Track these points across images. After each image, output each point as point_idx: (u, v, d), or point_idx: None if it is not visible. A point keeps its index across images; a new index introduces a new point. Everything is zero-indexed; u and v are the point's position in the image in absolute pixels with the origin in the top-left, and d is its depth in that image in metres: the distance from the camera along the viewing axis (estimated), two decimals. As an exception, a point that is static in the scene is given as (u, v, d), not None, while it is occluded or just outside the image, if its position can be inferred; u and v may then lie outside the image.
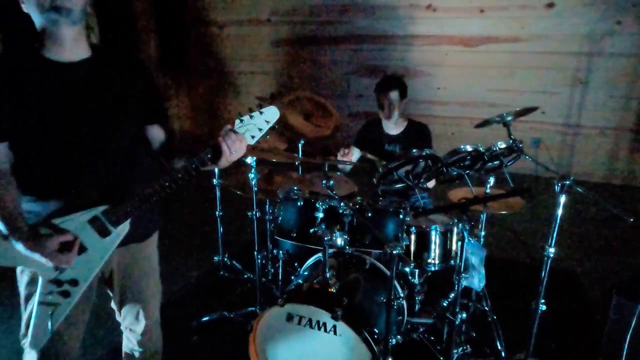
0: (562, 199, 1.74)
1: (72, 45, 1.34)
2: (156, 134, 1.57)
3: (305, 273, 2.14)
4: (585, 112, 5.02)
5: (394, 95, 2.66)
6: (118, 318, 1.73)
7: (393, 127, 2.77)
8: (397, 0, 5.38)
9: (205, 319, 2.52)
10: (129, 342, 1.75)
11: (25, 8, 1.31)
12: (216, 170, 2.75)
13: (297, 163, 3.03)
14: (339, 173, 2.80)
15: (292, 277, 2.41)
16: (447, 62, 5.37)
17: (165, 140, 1.58)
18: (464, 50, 5.29)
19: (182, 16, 6.38)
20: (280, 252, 2.35)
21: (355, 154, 2.79)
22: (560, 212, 1.74)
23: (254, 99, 6.44)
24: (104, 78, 1.41)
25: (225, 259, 3.00)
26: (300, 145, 2.81)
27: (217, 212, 2.88)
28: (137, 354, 1.75)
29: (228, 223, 3.02)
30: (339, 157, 2.49)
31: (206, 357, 2.30)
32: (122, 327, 1.75)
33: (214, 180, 2.81)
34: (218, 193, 2.85)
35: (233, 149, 1.36)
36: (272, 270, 2.79)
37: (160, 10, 6.11)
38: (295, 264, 2.47)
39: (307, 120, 2.80)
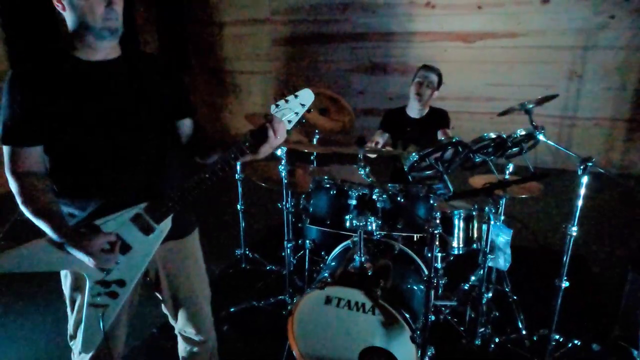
0: (584, 179, 1.84)
1: (105, 49, 1.37)
2: (186, 128, 1.59)
3: (333, 263, 2.22)
4: (581, 104, 5.18)
5: (434, 77, 2.81)
6: (172, 322, 1.72)
7: (416, 111, 2.88)
8: (396, -2, 5.50)
9: (234, 309, 2.58)
10: (186, 346, 1.75)
11: (66, 14, 1.31)
12: (238, 164, 2.81)
13: (313, 156, 3.12)
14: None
15: (321, 266, 2.49)
16: (446, 57, 5.49)
17: (196, 135, 1.61)
18: (463, 46, 5.42)
19: (183, 16, 6.41)
20: (307, 241, 2.43)
21: (383, 137, 2.92)
22: (582, 192, 1.84)
23: (255, 98, 6.50)
24: (135, 76, 1.43)
25: (247, 252, 3.06)
26: (315, 139, 2.89)
27: (239, 206, 2.94)
28: (194, 357, 1.76)
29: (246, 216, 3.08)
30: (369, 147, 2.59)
31: (239, 345, 2.36)
32: (175, 331, 1.75)
33: (236, 175, 2.87)
34: (240, 188, 2.91)
35: (279, 134, 1.32)
36: (295, 262, 2.85)
37: (161, 10, 6.13)
38: (322, 253, 2.54)
39: (323, 115, 2.88)
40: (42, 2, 4.12)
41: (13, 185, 1.33)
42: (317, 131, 2.87)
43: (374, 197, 1.98)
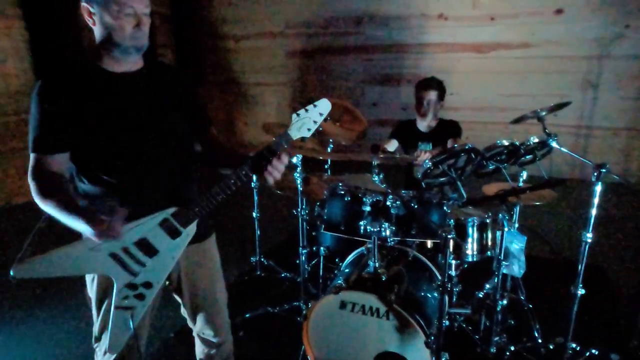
0: (599, 186, 1.84)
1: (129, 62, 1.44)
2: (203, 139, 1.66)
3: (347, 269, 2.24)
4: (597, 114, 5.14)
5: (433, 95, 2.81)
6: (190, 324, 1.77)
7: (426, 125, 2.91)
8: (409, 10, 5.56)
9: (249, 315, 2.61)
10: (203, 348, 1.80)
11: (95, 28, 1.37)
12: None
13: (327, 165, 3.17)
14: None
15: (335, 272, 2.51)
16: (459, 68, 5.52)
17: (212, 146, 1.68)
18: (476, 56, 5.45)
19: (199, 30, 6.58)
20: (322, 248, 2.46)
21: (393, 145, 2.94)
22: (596, 198, 1.85)
23: (269, 110, 6.60)
24: (157, 86, 1.51)
25: (262, 259, 3.10)
26: (329, 148, 2.94)
27: (254, 214, 2.99)
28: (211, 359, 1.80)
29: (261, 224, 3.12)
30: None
31: (255, 350, 2.39)
32: (193, 334, 1.80)
33: (252, 183, 2.92)
34: (256, 196, 2.96)
35: (275, 176, 1.42)
36: (309, 269, 2.88)
37: (177, 24, 6.30)
38: (337, 260, 2.57)
39: (337, 124, 2.94)
40: (67, 15, 4.30)
41: (33, 186, 1.36)
42: (330, 140, 2.93)
43: (388, 203, 2.01)
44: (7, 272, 1.30)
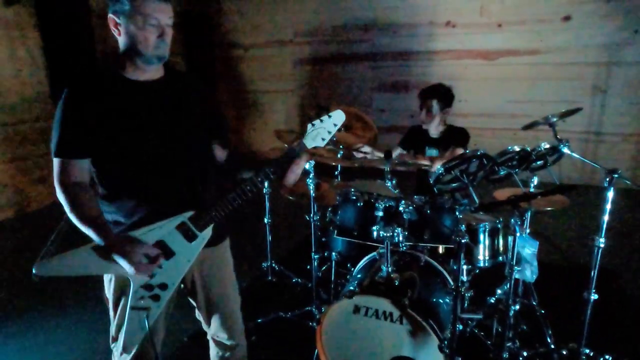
0: (610, 192, 1.85)
1: (151, 71, 1.49)
2: (218, 148, 1.71)
3: (360, 275, 2.26)
4: (607, 120, 5.14)
5: (434, 103, 2.82)
6: (205, 327, 1.80)
7: (434, 130, 2.93)
8: (417, 18, 5.62)
9: (262, 320, 2.64)
10: (218, 351, 1.82)
11: (120, 38, 1.43)
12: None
13: (337, 172, 3.20)
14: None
15: (347, 277, 2.53)
16: (468, 75, 5.55)
17: (229, 152, 1.73)
18: (484, 63, 5.48)
19: (209, 39, 6.67)
20: (333, 253, 2.48)
21: (396, 153, 2.98)
22: (609, 204, 1.86)
23: (279, 117, 6.65)
24: (178, 94, 1.55)
25: (273, 265, 3.13)
26: (339, 154, 2.97)
27: (266, 220, 3.02)
28: None
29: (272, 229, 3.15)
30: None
31: (267, 355, 2.40)
32: (208, 337, 1.83)
33: (263, 189, 2.96)
34: (267, 202, 3.00)
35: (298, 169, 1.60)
36: (320, 274, 2.90)
37: (188, 33, 6.40)
38: (348, 265, 2.59)
39: (347, 131, 2.97)
40: (81, 26, 4.39)
41: (61, 196, 1.43)
42: (341, 146, 2.96)
43: (400, 208, 2.03)
44: (29, 273, 1.35)
